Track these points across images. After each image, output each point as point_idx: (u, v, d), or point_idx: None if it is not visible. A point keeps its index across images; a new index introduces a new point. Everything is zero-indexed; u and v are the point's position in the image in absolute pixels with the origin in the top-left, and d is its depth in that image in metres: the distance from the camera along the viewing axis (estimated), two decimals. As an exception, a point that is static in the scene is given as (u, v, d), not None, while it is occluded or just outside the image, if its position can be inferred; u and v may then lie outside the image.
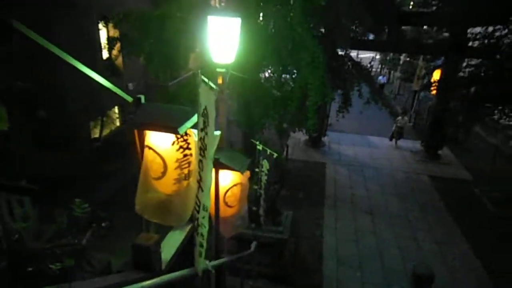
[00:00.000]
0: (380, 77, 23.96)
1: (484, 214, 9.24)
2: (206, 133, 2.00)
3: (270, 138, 8.90)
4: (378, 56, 28.16)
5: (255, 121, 7.44)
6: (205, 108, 1.93)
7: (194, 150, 2.40)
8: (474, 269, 7.11)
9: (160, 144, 2.41)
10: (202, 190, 2.15)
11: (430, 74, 14.06)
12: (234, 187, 3.57)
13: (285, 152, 10.78)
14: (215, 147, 2.15)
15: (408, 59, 19.18)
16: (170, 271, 2.62)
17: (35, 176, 3.78)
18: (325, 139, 13.37)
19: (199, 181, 2.15)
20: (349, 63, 9.36)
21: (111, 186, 8.69)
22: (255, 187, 5.04)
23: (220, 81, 3.46)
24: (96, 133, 10.29)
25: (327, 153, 12.76)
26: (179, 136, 2.33)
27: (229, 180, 3.55)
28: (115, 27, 8.56)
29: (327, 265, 6.99)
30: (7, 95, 6.77)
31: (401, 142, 13.55)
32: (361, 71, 9.59)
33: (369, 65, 12.79)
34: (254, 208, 5.37)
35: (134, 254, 2.50)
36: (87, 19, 9.13)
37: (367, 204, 9.45)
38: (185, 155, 2.42)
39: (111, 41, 8.30)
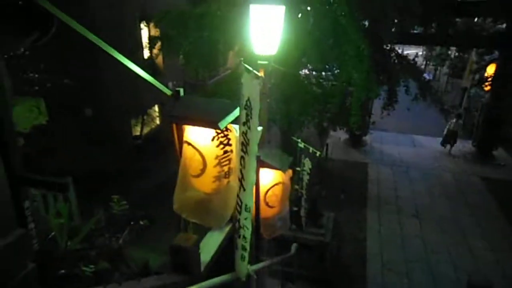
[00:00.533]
0: (425, 74, 22.75)
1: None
2: (249, 127, 1.83)
3: (309, 137, 8.64)
4: (420, 53, 26.86)
5: (294, 118, 7.21)
6: (248, 99, 1.75)
7: (235, 146, 2.26)
8: (536, 280, 6.48)
9: (199, 139, 2.28)
10: (244, 189, 1.98)
11: (483, 69, 13.12)
12: (276, 187, 3.40)
13: (325, 152, 10.45)
14: (257, 142, 1.97)
15: (457, 53, 18.03)
16: (209, 273, 2.49)
17: (74, 172, 3.80)
18: (366, 138, 12.84)
19: (241, 179, 1.99)
20: (394, 57, 8.84)
21: (150, 184, 8.79)
22: (296, 187, 4.84)
23: (261, 74, 3.30)
24: (137, 131, 10.51)
25: (368, 152, 12.23)
26: (219, 131, 2.19)
27: (270, 179, 3.38)
28: (156, 26, 8.68)
29: (371, 270, 6.63)
30: (49, 91, 6.94)
31: (454, 148, 12.11)
32: (408, 65, 9.04)
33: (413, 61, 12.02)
34: (295, 209, 5.18)
35: (172, 256, 2.39)
36: (129, 18, 9.32)
37: (412, 206, 8.91)
38: (225, 152, 2.28)
39: (152, 40, 8.41)
